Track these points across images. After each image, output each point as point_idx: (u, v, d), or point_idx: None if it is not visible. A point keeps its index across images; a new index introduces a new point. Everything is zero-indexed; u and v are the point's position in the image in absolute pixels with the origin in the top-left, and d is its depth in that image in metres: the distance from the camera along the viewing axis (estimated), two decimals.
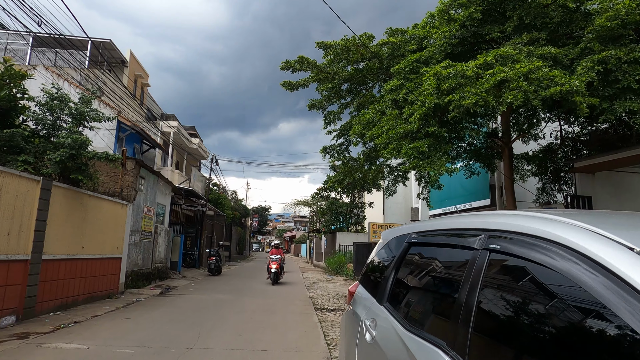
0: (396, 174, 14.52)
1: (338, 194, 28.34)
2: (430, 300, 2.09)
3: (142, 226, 12.47)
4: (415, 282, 2.32)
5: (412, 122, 7.48)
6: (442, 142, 7.51)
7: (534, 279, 1.29)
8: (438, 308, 1.94)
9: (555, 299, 1.18)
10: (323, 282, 17.03)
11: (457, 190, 18.29)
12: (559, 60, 6.95)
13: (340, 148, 13.56)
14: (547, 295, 1.23)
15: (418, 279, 2.31)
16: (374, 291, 2.79)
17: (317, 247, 34.05)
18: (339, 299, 11.68)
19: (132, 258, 11.85)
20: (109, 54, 23.08)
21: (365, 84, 12.86)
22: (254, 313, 8.88)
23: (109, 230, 10.11)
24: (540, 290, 1.26)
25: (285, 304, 10.49)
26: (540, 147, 13.21)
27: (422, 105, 7.32)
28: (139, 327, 6.94)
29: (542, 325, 1.19)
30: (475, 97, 6.22)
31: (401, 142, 7.68)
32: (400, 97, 8.15)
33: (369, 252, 15.26)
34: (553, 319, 1.15)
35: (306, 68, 11.96)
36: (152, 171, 13.18)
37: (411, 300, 2.29)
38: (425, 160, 7.29)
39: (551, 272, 1.20)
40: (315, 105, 13.49)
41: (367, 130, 8.52)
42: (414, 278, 2.36)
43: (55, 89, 8.92)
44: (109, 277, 10.15)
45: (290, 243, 71.45)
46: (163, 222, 15.12)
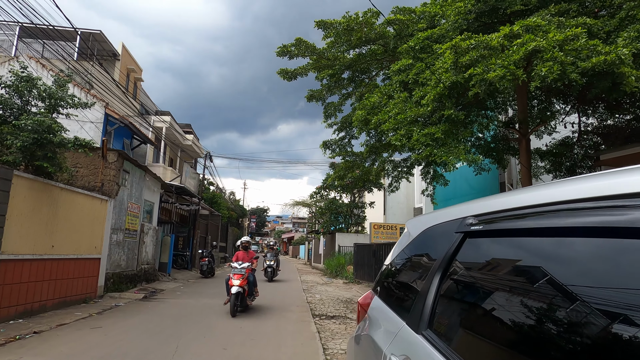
0: (400, 169, 13.60)
1: (338, 193, 27.41)
2: (528, 336, 1.14)
3: (126, 224, 11.49)
4: (489, 301, 1.36)
5: (425, 105, 6.54)
6: (460, 127, 6.57)
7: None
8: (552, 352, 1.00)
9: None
10: (322, 285, 16.06)
11: (463, 188, 17.37)
12: (594, 33, 6.02)
13: (342, 142, 12.63)
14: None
15: (492, 294, 1.36)
16: (401, 309, 1.84)
17: (316, 249, 33.06)
18: (339, 304, 10.71)
19: (114, 259, 10.87)
20: (100, 46, 22.12)
21: (368, 71, 11.92)
22: (245, 320, 7.91)
23: (86, 228, 9.13)
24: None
25: (281, 310, 9.52)
26: (555, 142, 12.30)
27: (436, 84, 6.38)
28: (107, 339, 5.96)
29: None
30: (502, 70, 5.28)
31: (411, 127, 6.74)
32: (410, 78, 7.21)
33: (370, 254, 14.30)
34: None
35: (304, 53, 11.02)
36: (138, 165, 12.21)
37: (481, 331, 1.33)
38: (441, 148, 6.35)
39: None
40: (315, 97, 12.56)
41: (372, 115, 7.57)
42: (483, 292, 1.40)
43: (22, 69, 7.96)
44: (85, 280, 9.17)
45: (289, 244, 70.42)
46: (151, 220, 14.15)
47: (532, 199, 1.33)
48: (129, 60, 24.02)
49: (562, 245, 1.09)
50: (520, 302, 1.19)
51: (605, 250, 0.93)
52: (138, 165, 12.15)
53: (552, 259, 1.12)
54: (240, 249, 9.35)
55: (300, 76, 11.72)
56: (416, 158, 6.47)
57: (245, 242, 9.46)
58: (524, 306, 1.15)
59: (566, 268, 1.05)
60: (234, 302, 8.07)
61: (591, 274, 0.97)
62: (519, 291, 1.21)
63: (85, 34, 21.37)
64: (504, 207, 1.43)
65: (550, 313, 1.03)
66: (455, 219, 1.70)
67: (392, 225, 19.94)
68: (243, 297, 8.42)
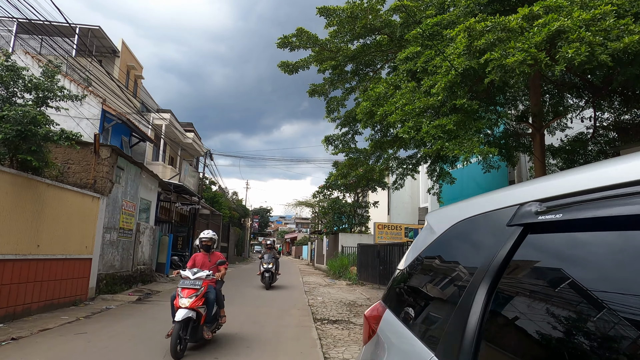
0: (405, 166, 13.11)
1: (341, 192, 26.92)
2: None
3: (120, 223, 11.05)
4: (579, 331, 0.85)
5: (435, 94, 6.03)
6: (473, 118, 6.06)
7: None
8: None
9: None
10: (324, 287, 15.56)
11: (470, 187, 16.84)
12: (621, 15, 5.50)
13: (345, 138, 12.13)
14: None
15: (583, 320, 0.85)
16: (426, 334, 1.33)
17: (319, 249, 32.57)
18: (342, 307, 10.22)
19: (107, 259, 10.42)
20: (99, 42, 21.75)
21: (373, 64, 11.42)
22: (241, 326, 7.43)
23: (75, 227, 8.68)
24: None
25: (279, 313, 9.04)
26: (569, 139, 11.76)
27: (447, 71, 5.88)
28: (90, 347, 5.49)
29: None
30: (522, 54, 4.78)
31: (420, 119, 6.24)
32: (419, 67, 6.71)
33: (374, 254, 13.75)
34: None
35: (306, 45, 10.53)
36: (134, 162, 11.76)
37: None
38: (452, 141, 5.84)
39: None
40: (317, 91, 12.08)
41: (378, 107, 7.07)
42: (569, 318, 0.90)
43: (5, 57, 7.53)
44: (74, 281, 8.73)
45: (292, 245, 70.00)
46: (148, 219, 13.70)
47: (621, 175, 0.84)
48: (129, 57, 23.63)
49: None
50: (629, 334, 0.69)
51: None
52: (133, 161, 11.70)
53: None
54: (199, 250, 6.39)
55: (301, 69, 11.23)
56: (426, 152, 5.98)
57: (206, 240, 6.27)
58: None
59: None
60: (177, 335, 5.04)
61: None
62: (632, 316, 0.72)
63: (84, 30, 21.01)
64: (586, 186, 0.93)
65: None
66: (504, 207, 1.21)
67: (397, 225, 19.42)
68: (196, 327, 5.40)
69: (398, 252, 14.10)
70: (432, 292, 1.51)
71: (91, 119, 15.67)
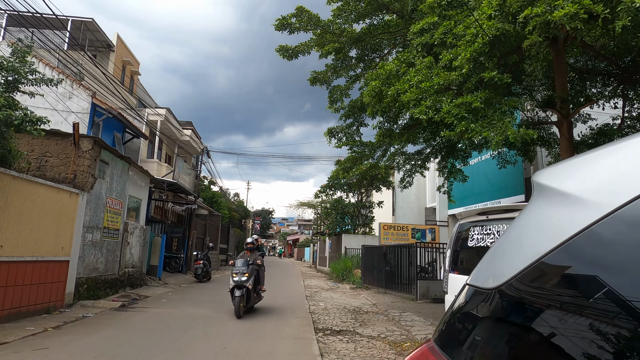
0: (413, 162, 12.16)
1: (344, 192, 25.97)
2: None
3: (104, 222, 10.13)
4: None
5: (458, 67, 5.09)
6: (504, 95, 5.12)
7: None
8: None
9: None
10: (327, 291, 14.60)
11: (481, 186, 15.87)
12: None
13: (349, 130, 11.20)
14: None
15: None
16: None
17: (321, 251, 31.60)
18: (347, 315, 9.26)
19: (89, 261, 9.50)
20: (92, 36, 20.91)
21: (379, 49, 10.50)
22: (233, 338, 6.49)
23: (49, 225, 7.77)
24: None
25: (277, 322, 8.09)
26: (592, 131, 10.79)
27: (472, 39, 4.93)
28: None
29: None
30: (574, 7, 3.82)
31: (440, 97, 5.29)
32: (436, 39, 5.76)
33: (380, 256, 12.61)
34: None
35: (307, 26, 9.63)
36: (120, 156, 10.85)
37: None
38: (480, 122, 4.89)
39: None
40: (318, 79, 11.16)
41: (388, 87, 6.14)
42: None
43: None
44: (48, 286, 7.81)
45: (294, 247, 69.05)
46: (138, 218, 12.79)
47: None
48: (125, 52, 22.79)
49: None
50: None
51: None
52: (120, 155, 10.79)
53: None
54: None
55: (302, 54, 10.33)
56: (447, 136, 5.04)
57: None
58: None
59: None
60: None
61: None
62: None
63: (76, 23, 20.18)
64: None
65: None
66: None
67: (403, 226, 18.45)
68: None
69: (407, 254, 13.14)
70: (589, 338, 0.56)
71: (80, 113, 14.79)
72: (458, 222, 4.60)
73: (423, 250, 13.63)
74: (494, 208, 3.98)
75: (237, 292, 8.01)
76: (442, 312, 9.76)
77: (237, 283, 8.06)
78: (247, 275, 8.16)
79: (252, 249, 9.19)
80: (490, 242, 4.01)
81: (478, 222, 4.29)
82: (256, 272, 8.59)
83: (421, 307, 10.50)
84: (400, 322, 8.43)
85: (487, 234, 4.09)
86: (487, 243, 4.06)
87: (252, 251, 9.15)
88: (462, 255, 4.62)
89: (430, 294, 11.81)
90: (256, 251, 9.32)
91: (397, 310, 9.89)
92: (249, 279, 8.17)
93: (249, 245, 9.26)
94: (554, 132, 11.01)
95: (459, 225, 4.61)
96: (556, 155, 11.27)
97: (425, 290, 11.89)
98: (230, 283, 8.24)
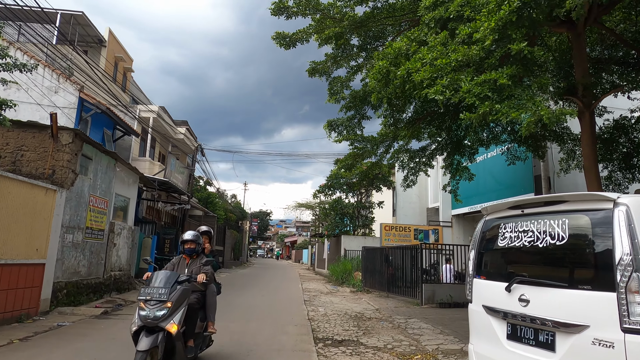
0: (417, 159, 11.50)
1: (343, 192, 25.28)
2: None
3: (86, 222, 9.40)
4: None
5: (480, 40, 4.40)
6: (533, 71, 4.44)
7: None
8: None
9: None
10: (326, 295, 13.89)
11: (487, 184, 15.22)
12: None
13: (350, 123, 10.50)
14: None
15: None
16: None
17: (320, 253, 30.88)
18: (349, 322, 8.56)
19: (69, 264, 8.77)
20: (83, 30, 20.20)
21: (383, 37, 9.83)
22: (220, 350, 5.78)
23: (20, 225, 7.04)
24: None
25: (272, 331, 7.38)
26: (606, 126, 10.13)
27: (497, 7, 4.25)
28: None
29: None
30: None
31: (459, 75, 4.61)
32: (452, 12, 5.08)
33: (381, 259, 11.77)
34: None
35: (305, 11, 8.96)
36: (105, 151, 10.13)
37: None
38: (507, 103, 4.21)
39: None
40: (317, 70, 10.46)
41: (397, 67, 5.45)
42: None
43: None
44: (20, 292, 7.07)
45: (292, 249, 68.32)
46: (126, 218, 12.06)
47: None
48: (117, 47, 22.06)
49: None
50: None
51: None
52: (104, 150, 10.06)
53: None
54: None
55: (300, 42, 9.63)
56: (467, 118, 4.37)
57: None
58: None
59: None
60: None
61: None
62: None
63: (66, 17, 19.47)
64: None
65: None
66: None
67: (406, 227, 17.76)
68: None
69: (411, 256, 12.44)
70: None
71: (66, 108, 14.05)
72: (483, 219, 3.89)
73: (428, 251, 12.96)
74: (532, 200, 3.27)
75: (145, 340, 3.95)
76: (450, 318, 9.05)
77: (145, 321, 4.03)
78: (170, 305, 4.07)
79: (194, 252, 5.00)
80: (528, 241, 3.29)
81: (510, 218, 3.58)
82: (195, 300, 4.67)
83: (427, 313, 9.80)
84: (407, 329, 7.73)
85: (523, 231, 3.38)
86: (523, 243, 3.34)
87: (194, 256, 5.04)
88: (488, 257, 3.91)
89: (436, 298, 11.11)
90: (202, 257, 5.10)
91: (402, 317, 9.19)
92: (174, 315, 4.11)
93: (188, 245, 4.99)
94: (567, 127, 10.36)
95: (485, 222, 3.89)
96: (568, 151, 10.62)
97: (431, 294, 11.19)
98: (134, 320, 4.16)
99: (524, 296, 3.16)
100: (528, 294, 3.14)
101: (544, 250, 3.13)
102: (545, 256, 3.15)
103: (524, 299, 3.15)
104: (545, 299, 3.01)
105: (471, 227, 16.79)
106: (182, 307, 4.22)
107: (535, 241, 3.19)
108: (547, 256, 3.14)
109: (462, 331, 7.41)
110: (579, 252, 2.98)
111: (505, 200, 3.86)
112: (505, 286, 3.32)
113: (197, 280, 4.57)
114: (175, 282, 4.29)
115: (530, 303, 3.10)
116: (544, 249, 3.12)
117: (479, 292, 3.72)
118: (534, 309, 3.07)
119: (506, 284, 3.32)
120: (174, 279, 4.33)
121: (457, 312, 9.77)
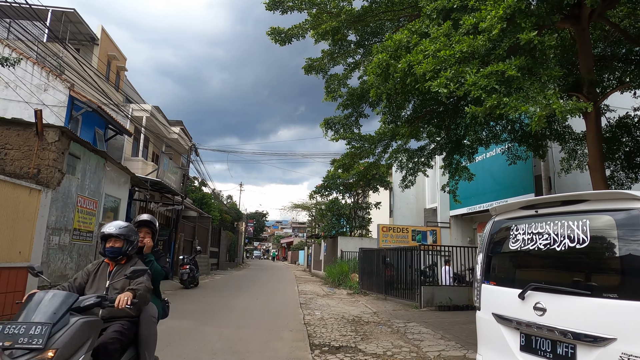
0: (416, 159, 11.23)
1: (340, 193, 25.02)
2: None
3: (74, 223, 9.07)
4: None
5: (486, 30, 4.14)
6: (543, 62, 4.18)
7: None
8: None
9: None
10: (322, 298, 13.59)
11: (486, 185, 14.96)
12: None
13: (347, 121, 10.23)
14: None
15: None
16: None
17: (316, 254, 30.58)
18: (346, 326, 8.27)
19: (55, 267, 8.43)
20: (75, 28, 19.82)
21: (381, 32, 9.56)
22: (213, 358, 5.47)
23: (1, 226, 6.70)
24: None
25: (267, 337, 7.08)
26: (608, 125, 9.92)
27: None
28: None
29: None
30: None
31: (463, 67, 4.34)
32: (455, 1, 4.81)
33: (379, 260, 11.38)
34: None
35: (301, 5, 8.68)
36: (94, 150, 9.79)
37: None
38: (515, 96, 3.94)
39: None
40: (314, 67, 10.17)
41: (398, 60, 5.18)
42: None
43: None
44: (1, 297, 6.74)
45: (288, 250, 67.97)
46: (116, 219, 11.70)
47: None
48: (110, 46, 21.70)
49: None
50: None
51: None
52: (93, 149, 9.73)
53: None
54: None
55: (295, 39, 9.35)
56: (473, 112, 4.11)
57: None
58: None
59: None
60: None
61: None
62: None
63: (57, 14, 19.10)
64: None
65: None
66: None
67: (403, 228, 17.50)
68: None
69: (409, 258, 12.18)
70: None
71: (56, 106, 13.69)
72: (492, 220, 3.60)
73: (426, 253, 12.72)
74: (547, 199, 2.99)
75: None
76: (451, 322, 8.77)
77: None
78: (51, 356, 2.28)
79: (119, 253, 3.36)
80: (543, 244, 3.00)
81: (522, 219, 3.30)
82: (115, 336, 2.94)
83: (427, 316, 9.53)
84: (406, 334, 7.45)
85: (537, 233, 3.10)
86: (538, 246, 3.06)
87: (122, 261, 3.40)
88: (498, 261, 3.63)
89: (435, 301, 10.84)
90: (135, 260, 3.44)
91: (401, 320, 8.91)
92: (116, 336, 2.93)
93: (110, 243, 3.38)
94: (568, 125, 10.15)
95: (494, 223, 3.61)
96: (570, 151, 10.39)
97: (430, 296, 10.92)
98: None
99: (539, 304, 2.88)
100: (544, 302, 2.86)
101: (562, 255, 2.85)
102: (564, 261, 2.88)
103: (539, 307, 2.88)
104: (565, 308, 2.74)
105: (470, 228, 16.55)
106: (78, 355, 2.43)
107: (552, 244, 2.92)
108: (566, 261, 2.86)
109: (463, 336, 7.15)
110: (603, 257, 2.70)
111: (516, 200, 3.58)
112: (518, 293, 3.04)
113: (115, 304, 2.75)
114: (67, 312, 2.51)
115: (547, 312, 2.83)
116: (562, 252, 2.85)
117: (489, 298, 3.44)
118: (552, 318, 2.79)
119: (519, 291, 3.04)
120: (66, 305, 2.54)
121: (457, 316, 9.51)
